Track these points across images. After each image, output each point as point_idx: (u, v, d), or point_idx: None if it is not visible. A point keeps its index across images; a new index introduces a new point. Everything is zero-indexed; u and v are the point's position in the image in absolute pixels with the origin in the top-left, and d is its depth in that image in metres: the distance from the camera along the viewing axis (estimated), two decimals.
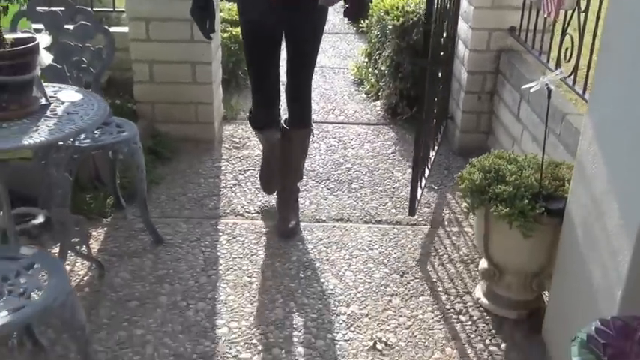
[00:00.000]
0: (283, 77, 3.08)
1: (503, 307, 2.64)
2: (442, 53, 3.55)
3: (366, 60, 5.29)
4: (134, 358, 2.34)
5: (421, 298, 2.73)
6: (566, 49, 2.81)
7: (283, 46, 3.03)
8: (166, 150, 3.82)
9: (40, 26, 2.83)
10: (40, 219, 2.68)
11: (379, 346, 2.45)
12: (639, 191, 1.79)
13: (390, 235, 3.17)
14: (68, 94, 2.41)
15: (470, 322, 2.60)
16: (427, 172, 3.52)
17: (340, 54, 5.98)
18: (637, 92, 1.82)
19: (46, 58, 2.31)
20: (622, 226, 1.88)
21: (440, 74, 3.58)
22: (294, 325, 2.54)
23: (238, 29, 4.16)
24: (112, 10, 4.39)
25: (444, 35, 3.52)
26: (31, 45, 2.17)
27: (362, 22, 5.43)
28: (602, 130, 2.04)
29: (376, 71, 4.86)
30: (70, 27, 2.96)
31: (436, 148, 3.80)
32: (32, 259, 1.98)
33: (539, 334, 2.51)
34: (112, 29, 3.36)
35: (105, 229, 3.13)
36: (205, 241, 3.06)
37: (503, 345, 2.48)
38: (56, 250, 2.67)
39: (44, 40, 2.28)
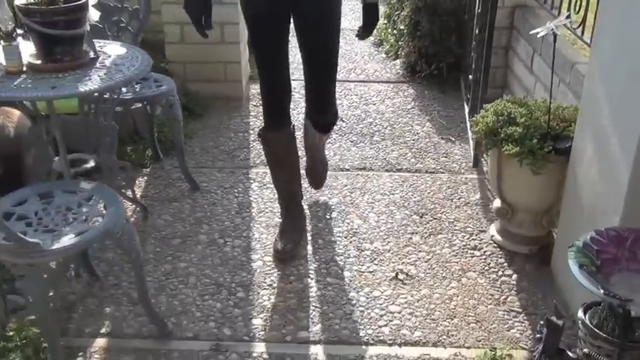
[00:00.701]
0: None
1: (516, 242, 2.85)
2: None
3: (386, 22, 5.45)
4: (179, 286, 2.59)
5: (439, 236, 2.94)
6: (576, 1, 2.97)
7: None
8: (198, 107, 4.05)
9: None
10: (91, 163, 2.93)
11: (400, 276, 2.68)
12: (635, 125, 1.99)
13: (410, 181, 3.39)
14: (114, 49, 2.62)
15: (484, 257, 2.81)
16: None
17: (360, 17, 6.12)
18: (634, 33, 2.00)
19: (94, 14, 2.53)
20: (620, 159, 2.08)
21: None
22: (323, 260, 2.77)
23: None
24: None
25: None
26: (82, 1, 2.39)
27: None
28: (602, 71, 2.23)
29: (395, 31, 5.03)
30: None
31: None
32: (91, 192, 2.23)
33: (549, 266, 2.72)
34: None
35: (145, 177, 3.38)
36: (238, 187, 3.30)
37: (514, 276, 2.70)
38: None
39: None
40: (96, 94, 2.53)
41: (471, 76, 4.09)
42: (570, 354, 1.98)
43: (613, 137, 2.13)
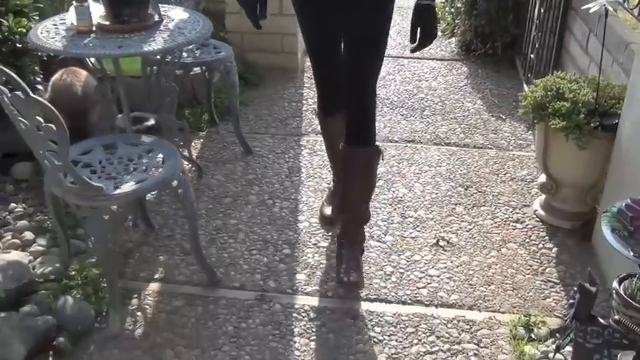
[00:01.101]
0: None
1: (559, 217, 2.89)
2: None
3: (444, 0, 5.46)
4: (229, 241, 2.74)
5: (482, 208, 3.00)
6: None
7: None
8: (254, 76, 4.19)
9: None
10: (151, 122, 3.09)
11: (442, 243, 2.76)
12: None
13: (458, 155, 3.45)
14: (177, 13, 2.76)
15: (526, 230, 2.86)
16: None
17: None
18: None
19: None
20: None
21: None
22: (367, 224, 2.87)
23: None
24: None
25: None
26: None
27: None
28: None
29: (452, 9, 5.05)
30: None
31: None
32: (151, 146, 2.38)
33: (590, 242, 2.76)
34: None
35: (201, 140, 3.54)
36: (289, 153, 3.42)
37: (554, 249, 2.74)
38: None
39: None
40: (158, 55, 2.68)
41: (532, 55, 4.09)
42: (601, 320, 2.04)
43: None
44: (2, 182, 2.97)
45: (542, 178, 2.93)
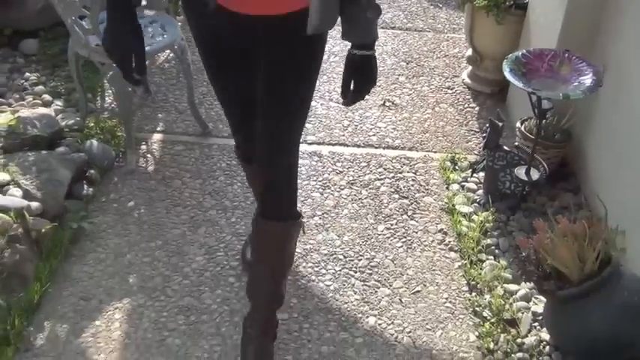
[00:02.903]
0: None
1: (481, 84, 3.56)
2: None
3: None
4: (214, 103, 3.31)
5: (420, 78, 3.65)
6: None
7: None
8: None
9: None
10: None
11: (387, 104, 3.41)
12: None
13: (401, 37, 4.06)
14: None
15: (455, 94, 3.53)
16: None
17: None
18: None
19: None
20: (558, 5, 2.75)
21: None
22: (327, 89, 3.48)
23: None
24: None
25: None
26: None
27: None
28: None
29: None
30: None
31: None
32: (154, 18, 2.90)
33: (505, 103, 3.44)
34: None
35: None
36: None
37: (477, 108, 3.43)
38: None
39: None
40: None
41: None
42: (505, 147, 2.75)
43: None
44: (13, 56, 3.44)
45: (469, 52, 3.58)
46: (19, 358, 2.03)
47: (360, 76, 1.70)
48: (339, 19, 1.60)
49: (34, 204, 2.38)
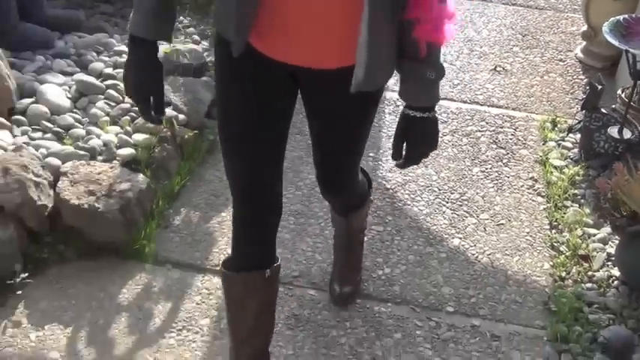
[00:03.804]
0: None
1: (593, 59, 3.71)
2: None
3: None
4: None
5: (534, 50, 3.84)
6: None
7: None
8: None
9: None
10: None
11: (498, 69, 3.64)
12: None
13: (521, 12, 4.25)
14: None
15: (566, 66, 3.70)
16: None
17: None
18: None
19: None
20: None
21: None
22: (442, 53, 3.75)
23: None
24: None
25: None
26: None
27: None
28: None
29: None
30: None
31: None
32: None
33: (614, 77, 3.58)
34: None
35: None
36: None
37: (585, 80, 3.58)
38: None
39: None
40: None
41: None
42: (603, 110, 2.93)
43: None
44: None
45: (584, 27, 3.73)
46: (159, 231, 2.49)
47: (414, 140, 1.52)
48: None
49: (181, 116, 2.84)
